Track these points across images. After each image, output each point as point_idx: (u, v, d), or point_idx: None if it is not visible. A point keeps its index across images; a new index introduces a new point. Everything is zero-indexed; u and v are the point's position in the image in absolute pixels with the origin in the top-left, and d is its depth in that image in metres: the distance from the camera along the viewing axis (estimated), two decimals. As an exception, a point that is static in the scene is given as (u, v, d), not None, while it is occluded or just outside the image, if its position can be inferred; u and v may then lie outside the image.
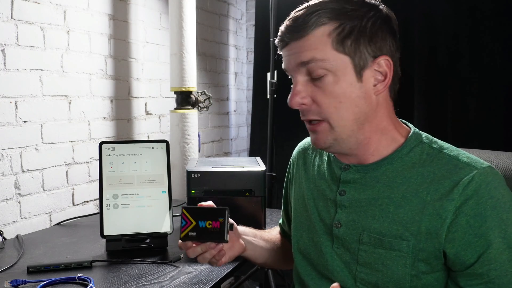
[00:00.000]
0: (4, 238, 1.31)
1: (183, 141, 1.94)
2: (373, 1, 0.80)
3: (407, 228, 0.76)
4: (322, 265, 0.87)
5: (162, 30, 2.16)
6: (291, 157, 1.04)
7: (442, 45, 2.15)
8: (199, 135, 2.10)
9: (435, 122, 2.15)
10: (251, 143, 2.95)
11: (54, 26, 1.56)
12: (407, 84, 2.24)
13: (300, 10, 0.78)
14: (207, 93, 2.05)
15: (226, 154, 2.88)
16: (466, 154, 0.78)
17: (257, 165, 1.33)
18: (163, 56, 2.16)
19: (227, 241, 0.85)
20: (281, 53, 0.83)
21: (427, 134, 0.85)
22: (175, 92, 1.95)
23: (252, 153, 2.89)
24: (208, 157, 2.60)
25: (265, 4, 2.43)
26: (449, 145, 0.81)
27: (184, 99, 1.95)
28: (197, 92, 2.02)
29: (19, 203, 1.46)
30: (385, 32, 0.78)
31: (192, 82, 1.94)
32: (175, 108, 1.96)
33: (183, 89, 1.92)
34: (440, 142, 0.82)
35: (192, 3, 1.93)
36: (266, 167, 1.34)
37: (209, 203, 0.90)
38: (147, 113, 2.08)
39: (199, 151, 2.14)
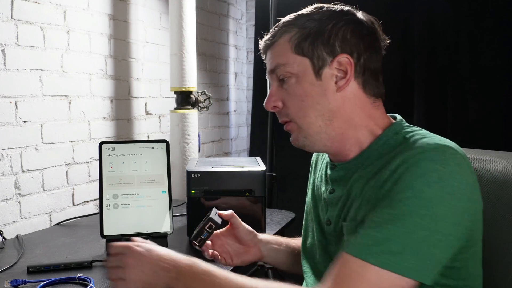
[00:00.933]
0: (4, 238, 1.31)
1: (183, 141, 1.94)
2: (345, 9, 0.86)
3: (362, 210, 0.77)
4: (322, 264, 0.90)
5: (162, 30, 2.16)
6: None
7: (442, 45, 2.15)
8: (199, 135, 2.10)
9: (435, 122, 2.15)
10: (251, 143, 2.95)
11: (54, 26, 1.56)
12: (407, 84, 2.24)
13: (274, 26, 0.88)
14: (207, 93, 2.05)
15: (226, 154, 2.88)
16: (433, 138, 0.76)
17: (257, 165, 1.33)
18: (163, 56, 2.16)
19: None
20: None
21: (414, 127, 0.85)
22: (175, 92, 1.95)
23: (252, 153, 2.89)
24: (208, 157, 2.60)
25: (265, 4, 2.43)
26: (426, 133, 0.80)
27: (184, 99, 1.95)
28: (197, 92, 2.02)
29: (19, 203, 1.46)
30: (349, 34, 0.83)
31: (192, 82, 1.94)
32: (175, 108, 1.96)
33: (183, 89, 1.92)
34: (419, 131, 0.81)
35: (192, 3, 1.93)
36: (266, 167, 1.34)
37: (230, 212, 1.03)
38: (147, 113, 2.08)
39: (199, 151, 2.14)
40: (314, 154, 1.06)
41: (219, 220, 0.99)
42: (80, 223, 1.55)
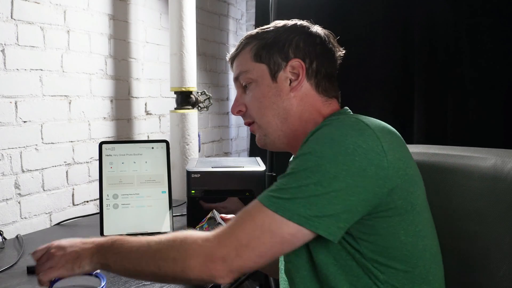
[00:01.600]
0: (4, 238, 1.31)
1: (183, 141, 1.94)
2: (302, 24, 0.96)
3: None
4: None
5: (162, 30, 2.16)
6: None
7: (442, 45, 2.15)
8: (199, 135, 2.10)
9: (435, 122, 2.15)
10: (251, 143, 2.95)
11: (54, 26, 1.56)
12: (407, 84, 2.24)
13: (239, 41, 0.98)
14: (207, 93, 2.05)
15: (226, 154, 2.88)
16: (354, 116, 0.82)
17: (257, 165, 1.33)
18: (163, 56, 2.16)
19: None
20: None
21: (354, 114, 0.88)
22: (175, 92, 1.95)
23: (252, 153, 2.89)
24: (208, 157, 2.60)
25: (265, 4, 2.43)
26: (355, 115, 0.85)
27: (184, 99, 1.95)
28: (197, 92, 2.02)
29: (19, 203, 1.46)
30: (302, 42, 0.92)
31: (192, 82, 1.94)
32: (175, 108, 1.96)
33: (183, 89, 1.92)
34: (355, 115, 0.85)
35: (192, 3, 1.93)
36: (266, 167, 1.34)
37: (232, 216, 1.07)
38: (147, 113, 2.08)
39: (199, 151, 2.14)
40: None
41: (221, 222, 1.00)
42: (80, 223, 1.55)
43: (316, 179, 0.73)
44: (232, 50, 0.98)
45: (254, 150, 2.87)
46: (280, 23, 0.96)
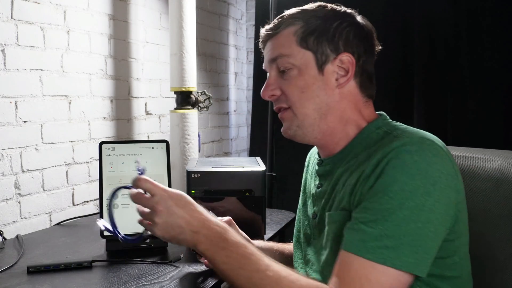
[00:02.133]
0: (4, 238, 1.31)
1: (183, 141, 1.94)
2: (348, 11, 0.90)
3: (344, 200, 0.80)
4: (306, 257, 0.93)
5: (162, 30, 2.15)
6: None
7: (442, 44, 2.15)
8: (199, 135, 2.10)
9: (435, 122, 2.15)
10: (251, 143, 2.95)
11: (54, 26, 1.56)
12: (407, 84, 2.24)
13: (277, 18, 0.91)
14: (207, 93, 2.05)
15: (226, 154, 2.88)
16: (412, 132, 0.79)
17: (257, 165, 1.33)
18: (163, 56, 2.16)
19: None
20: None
21: (396, 123, 0.87)
22: (175, 92, 1.95)
23: (252, 153, 2.89)
24: (208, 157, 2.60)
25: (265, 4, 2.43)
26: (407, 128, 0.83)
27: (184, 99, 1.94)
28: (197, 92, 2.02)
29: (19, 203, 1.46)
30: (352, 35, 0.86)
31: (192, 82, 1.94)
32: (175, 108, 1.96)
33: (183, 89, 1.92)
34: (400, 126, 0.84)
35: (192, 3, 1.93)
36: (266, 167, 1.34)
37: (227, 218, 1.05)
38: (147, 113, 2.08)
39: (199, 151, 2.14)
40: (308, 154, 1.09)
41: None
42: (80, 223, 1.55)
43: (415, 217, 0.70)
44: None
45: (254, 150, 2.87)
46: (327, 6, 0.89)
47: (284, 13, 0.91)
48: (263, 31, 0.92)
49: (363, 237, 0.71)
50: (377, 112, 0.92)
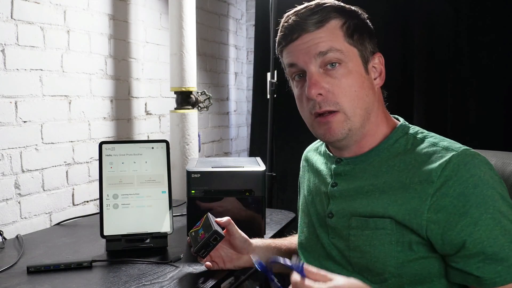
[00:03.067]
0: (4, 238, 1.31)
1: (183, 141, 1.94)
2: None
3: (389, 210, 0.79)
4: (323, 257, 0.91)
5: (162, 30, 2.15)
6: (300, 164, 1.09)
7: (442, 45, 2.15)
8: (199, 135, 2.10)
9: (435, 122, 2.15)
10: (251, 143, 2.95)
11: (54, 26, 1.56)
12: (407, 84, 2.24)
13: (310, 5, 0.83)
14: (207, 93, 2.05)
15: (226, 154, 2.88)
16: (447, 140, 0.80)
17: (257, 165, 1.33)
18: (163, 56, 2.16)
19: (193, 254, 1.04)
20: (285, 49, 0.86)
21: (415, 127, 0.87)
22: (175, 92, 1.95)
23: (252, 153, 2.89)
24: (208, 157, 2.60)
25: (265, 4, 2.43)
26: (435, 134, 0.83)
27: (184, 99, 1.95)
28: (197, 92, 2.02)
29: (19, 203, 1.46)
30: (374, 34, 0.86)
31: (192, 82, 1.94)
32: (175, 108, 1.96)
33: (183, 89, 1.92)
34: (427, 132, 0.84)
35: (192, 3, 1.93)
36: (266, 167, 1.34)
37: (226, 219, 1.04)
38: (147, 113, 2.08)
39: (199, 151, 2.14)
40: (303, 156, 1.08)
41: (222, 232, 1.00)
42: (80, 223, 1.55)
43: None
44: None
45: (254, 150, 2.88)
46: (349, 6, 0.85)
47: (317, 3, 0.83)
48: (296, 19, 0.82)
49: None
50: (392, 116, 0.91)
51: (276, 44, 0.89)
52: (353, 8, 0.85)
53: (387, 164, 0.82)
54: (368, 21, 0.86)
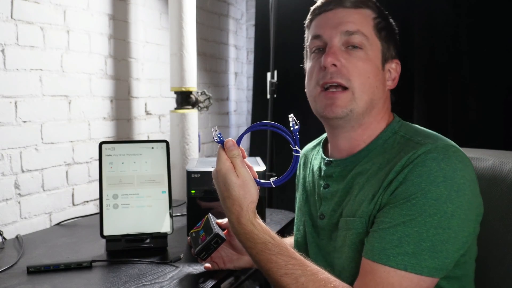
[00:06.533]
0: (4, 238, 1.31)
1: (183, 141, 1.94)
2: None
3: (362, 207, 0.79)
4: (313, 257, 0.92)
5: (162, 30, 2.15)
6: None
7: (442, 44, 2.15)
8: (199, 135, 2.10)
9: (435, 122, 2.15)
10: (251, 143, 2.95)
11: (54, 26, 1.56)
12: (407, 84, 2.24)
13: None
14: (207, 93, 2.05)
15: (226, 154, 2.87)
16: (433, 137, 0.79)
17: (257, 165, 1.33)
18: (163, 56, 2.16)
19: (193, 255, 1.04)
20: (316, 18, 0.88)
21: (407, 125, 0.87)
22: (175, 92, 1.95)
23: (252, 153, 2.89)
24: (208, 157, 2.60)
25: (265, 4, 2.43)
26: (426, 133, 0.82)
27: (184, 99, 1.95)
28: (197, 92, 2.01)
29: (19, 203, 1.45)
30: (399, 44, 0.90)
31: (192, 82, 1.94)
32: (175, 108, 1.96)
33: (183, 89, 1.92)
34: (417, 129, 0.84)
35: (192, 3, 1.93)
36: (266, 167, 1.34)
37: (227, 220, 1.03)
38: (147, 113, 2.08)
39: (199, 151, 2.14)
40: (301, 153, 1.08)
41: (223, 235, 1.00)
42: (80, 223, 1.55)
43: (436, 222, 0.70)
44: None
45: (254, 150, 2.88)
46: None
47: None
48: None
49: (384, 245, 0.72)
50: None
51: (309, 14, 0.91)
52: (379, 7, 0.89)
53: (371, 162, 0.83)
54: (397, 32, 0.91)
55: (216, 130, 0.82)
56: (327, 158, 0.92)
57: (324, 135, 1.03)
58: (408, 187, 0.72)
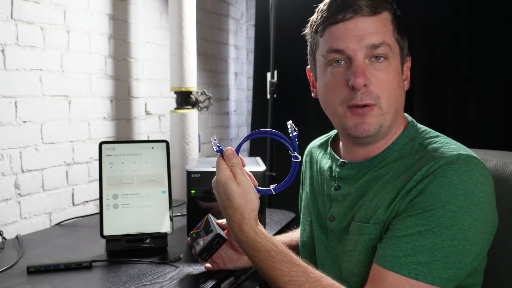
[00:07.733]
0: (4, 238, 1.31)
1: (183, 141, 1.94)
2: None
3: (378, 213, 0.78)
4: (320, 258, 0.91)
5: (162, 30, 2.15)
6: (302, 160, 1.08)
7: (442, 45, 2.15)
8: (199, 135, 2.10)
9: (435, 122, 2.15)
10: (251, 143, 2.95)
11: (54, 26, 1.56)
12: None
13: None
14: (207, 93, 2.05)
15: (226, 154, 2.87)
16: (452, 146, 0.77)
17: (257, 165, 1.33)
18: (163, 56, 2.16)
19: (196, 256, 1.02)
20: (330, 28, 0.80)
21: (424, 130, 0.85)
22: (175, 92, 1.95)
23: (252, 153, 2.89)
24: (208, 157, 2.60)
25: (265, 4, 2.43)
26: (443, 139, 0.81)
27: (184, 99, 1.95)
28: (197, 92, 2.01)
29: (19, 203, 1.45)
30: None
31: (192, 82, 1.94)
32: (175, 108, 1.96)
33: (183, 89, 1.92)
34: (435, 136, 0.82)
35: (192, 3, 1.93)
36: (266, 167, 1.34)
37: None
38: (147, 113, 2.08)
39: (199, 151, 2.14)
40: (307, 150, 1.07)
41: (224, 235, 1.00)
42: (80, 223, 1.55)
43: (452, 234, 0.69)
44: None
45: (254, 150, 2.87)
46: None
47: None
48: (349, 3, 0.77)
49: (397, 252, 0.71)
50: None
51: (317, 19, 0.83)
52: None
53: (387, 167, 0.81)
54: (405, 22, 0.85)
55: (215, 140, 0.81)
56: (341, 160, 0.90)
57: (332, 133, 1.01)
58: (427, 197, 0.71)
